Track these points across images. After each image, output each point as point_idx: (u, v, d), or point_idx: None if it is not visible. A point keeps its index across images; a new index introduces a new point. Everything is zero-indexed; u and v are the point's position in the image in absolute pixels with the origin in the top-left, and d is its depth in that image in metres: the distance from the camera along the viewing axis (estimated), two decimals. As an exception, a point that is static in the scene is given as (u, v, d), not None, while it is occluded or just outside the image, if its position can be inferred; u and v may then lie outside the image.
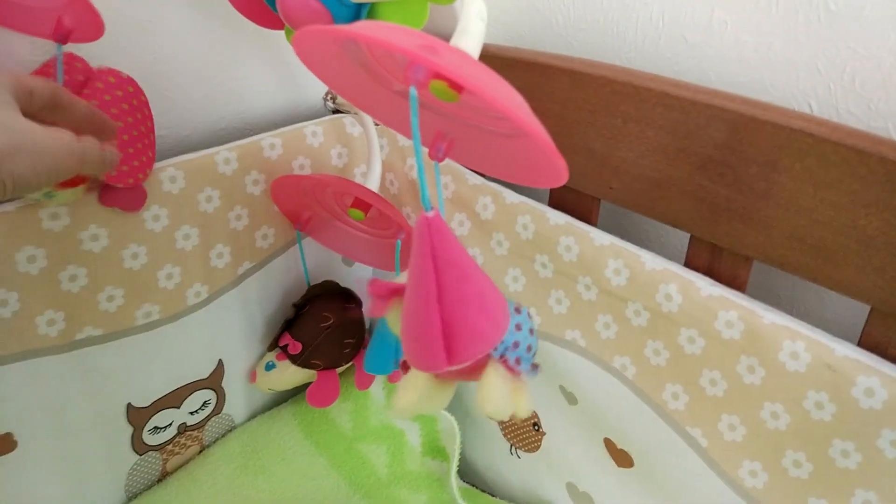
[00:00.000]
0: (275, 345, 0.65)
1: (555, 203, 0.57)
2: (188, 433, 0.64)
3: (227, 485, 0.64)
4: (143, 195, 0.51)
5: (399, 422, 0.69)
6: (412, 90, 0.27)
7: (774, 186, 0.42)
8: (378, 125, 0.62)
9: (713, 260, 0.48)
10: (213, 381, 0.64)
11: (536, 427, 0.64)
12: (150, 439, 0.61)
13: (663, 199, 0.49)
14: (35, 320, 0.49)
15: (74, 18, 0.43)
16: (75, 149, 0.35)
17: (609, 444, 0.57)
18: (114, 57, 0.47)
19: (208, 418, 0.66)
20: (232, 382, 0.66)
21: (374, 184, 0.55)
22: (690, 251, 0.50)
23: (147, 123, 0.49)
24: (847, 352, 0.41)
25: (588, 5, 0.57)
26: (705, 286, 0.46)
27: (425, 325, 0.28)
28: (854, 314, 0.50)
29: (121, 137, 0.46)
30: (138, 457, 0.61)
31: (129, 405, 0.58)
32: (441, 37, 0.30)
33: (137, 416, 0.59)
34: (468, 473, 0.73)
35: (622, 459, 0.56)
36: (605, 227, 0.52)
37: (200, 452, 0.67)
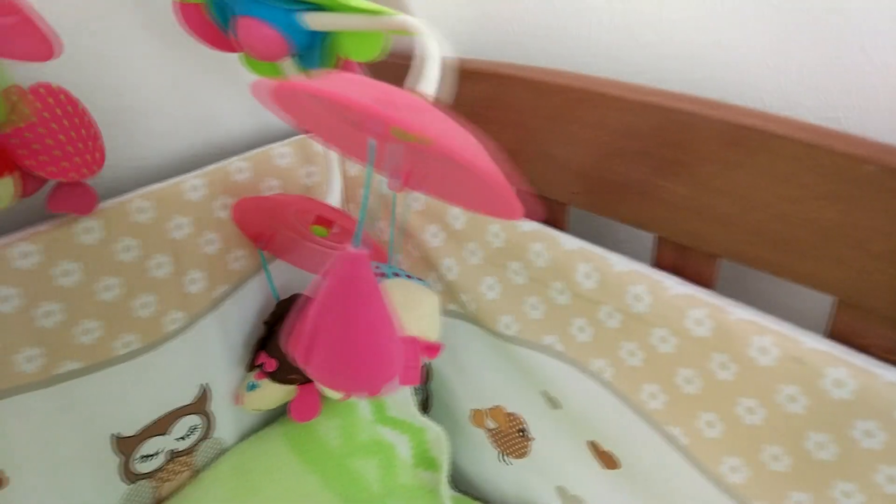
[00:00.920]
0: (252, 364, 0.65)
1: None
2: (178, 459, 0.65)
3: (220, 508, 0.65)
4: (93, 196, 0.50)
5: (388, 435, 0.69)
6: (370, 142, 0.29)
7: (730, 183, 0.43)
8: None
9: (680, 259, 0.49)
10: (199, 406, 0.64)
11: (523, 433, 0.64)
12: (140, 467, 0.62)
13: (625, 202, 0.49)
14: (12, 358, 0.50)
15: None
16: None
17: (594, 447, 0.57)
18: (76, 91, 0.47)
19: (198, 443, 0.66)
20: (219, 406, 0.66)
21: (335, 199, 0.56)
22: (658, 251, 0.50)
23: (86, 125, 0.48)
24: (814, 344, 0.41)
25: (543, 12, 0.57)
26: (673, 285, 0.47)
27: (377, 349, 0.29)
28: (823, 304, 0.50)
29: (63, 143, 0.46)
30: (130, 486, 0.61)
31: (116, 435, 0.59)
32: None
33: (125, 446, 0.60)
34: (461, 483, 0.73)
35: (608, 461, 0.56)
36: (579, 231, 0.53)
37: (193, 477, 0.67)
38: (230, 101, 0.65)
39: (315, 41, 0.43)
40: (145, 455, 0.61)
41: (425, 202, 0.61)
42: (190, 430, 0.64)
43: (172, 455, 0.64)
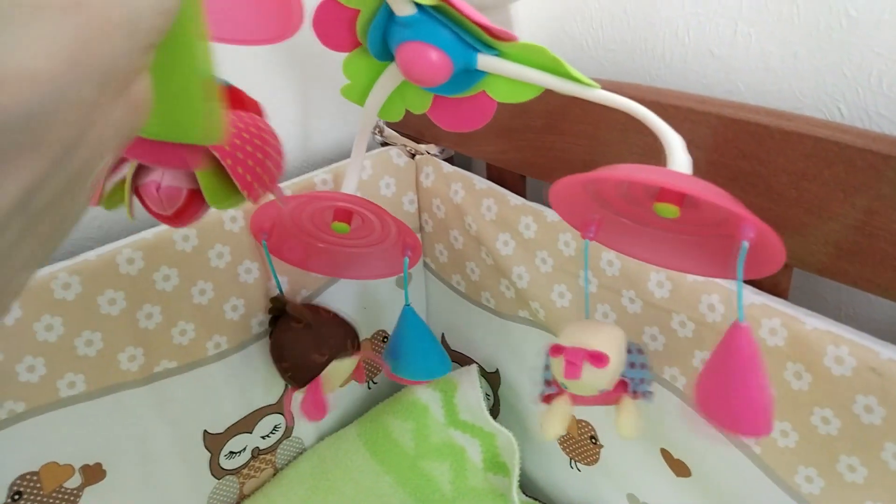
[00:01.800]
0: None
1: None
2: (262, 457, 0.68)
3: (300, 504, 0.68)
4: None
5: (460, 439, 0.71)
6: (744, 245, 0.33)
7: (805, 194, 0.43)
8: (388, 142, 0.65)
9: (753, 268, 0.49)
10: (282, 406, 0.67)
11: (594, 440, 0.65)
12: (227, 464, 0.65)
13: (698, 212, 0.50)
14: (117, 357, 0.54)
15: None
16: None
17: (666, 455, 0.57)
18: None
19: (279, 442, 0.70)
20: (299, 405, 0.69)
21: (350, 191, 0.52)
22: (731, 261, 0.50)
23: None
24: (891, 355, 0.41)
25: (616, 26, 0.58)
26: (747, 295, 0.47)
27: (754, 399, 0.36)
28: (903, 315, 0.49)
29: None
30: (217, 481, 0.65)
31: (206, 432, 0.62)
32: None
33: (214, 442, 0.63)
34: (530, 488, 0.75)
35: (680, 469, 0.56)
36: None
37: (274, 475, 0.71)
38: (318, 117, 0.69)
39: (466, 75, 0.40)
40: (232, 452, 0.65)
41: (496, 212, 0.62)
42: (273, 429, 0.68)
43: (256, 453, 0.68)
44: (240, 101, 0.40)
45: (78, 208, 0.19)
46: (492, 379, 0.75)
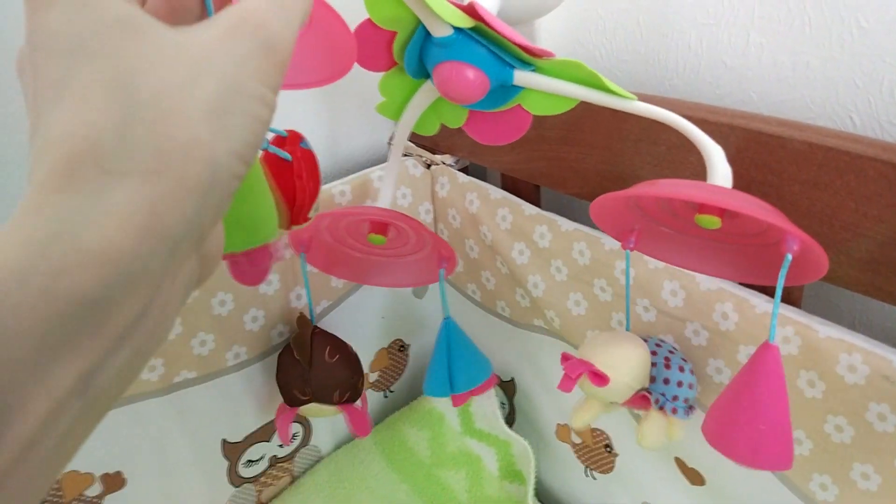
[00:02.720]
0: None
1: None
2: (279, 465, 0.69)
3: (317, 513, 0.69)
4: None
5: (476, 448, 0.72)
6: (787, 257, 0.33)
7: (817, 204, 0.43)
8: (427, 161, 0.65)
9: (767, 277, 0.49)
10: (300, 415, 0.68)
11: (609, 449, 0.65)
12: (245, 472, 0.66)
13: (711, 221, 0.50)
14: (139, 367, 0.55)
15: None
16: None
17: (680, 463, 0.57)
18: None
19: (297, 450, 0.70)
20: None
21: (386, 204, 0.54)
22: (745, 269, 0.51)
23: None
24: None
25: (629, 38, 0.59)
26: (760, 303, 0.47)
27: (775, 429, 0.36)
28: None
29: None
30: (235, 489, 0.66)
31: (224, 440, 0.63)
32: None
33: (232, 451, 0.64)
34: (545, 496, 0.75)
35: (694, 478, 0.57)
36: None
37: (291, 483, 0.72)
38: (338, 130, 0.70)
39: (502, 90, 0.41)
40: (250, 460, 0.66)
41: (511, 222, 0.63)
42: (291, 438, 0.69)
43: (274, 461, 0.69)
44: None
45: (137, 375, 0.17)
46: (507, 388, 0.76)
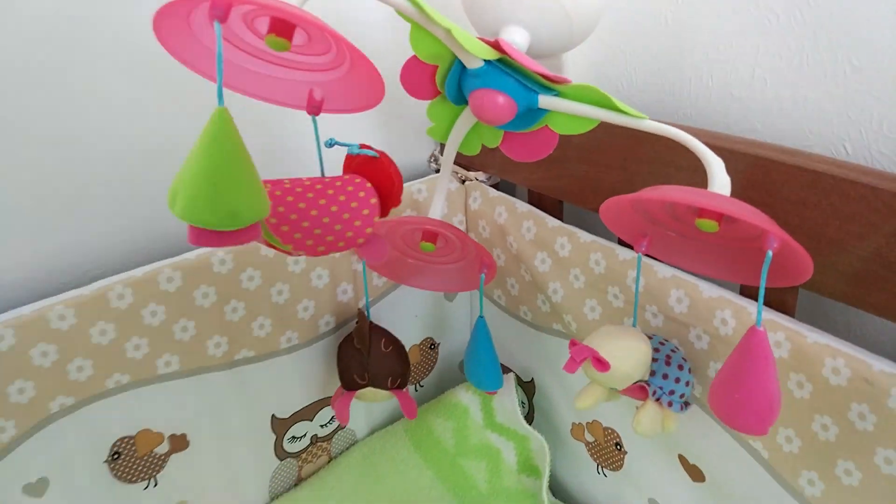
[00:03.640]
0: None
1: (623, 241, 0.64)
2: (319, 444, 0.76)
3: (351, 491, 0.75)
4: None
5: (496, 441, 0.77)
6: (768, 254, 0.38)
7: (806, 221, 0.48)
8: (467, 179, 0.72)
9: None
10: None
11: (619, 447, 0.70)
12: (289, 447, 0.73)
13: (714, 236, 0.55)
14: (206, 343, 0.63)
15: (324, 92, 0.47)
16: None
17: (682, 460, 0.62)
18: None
19: (335, 432, 0.77)
20: (355, 400, 0.77)
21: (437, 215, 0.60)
22: (744, 280, 0.56)
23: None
24: (883, 367, 0.45)
25: (648, 71, 0.65)
26: (756, 311, 0.52)
27: (757, 401, 0.39)
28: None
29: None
30: (279, 462, 0.73)
31: (273, 416, 0.71)
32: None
33: (279, 426, 0.71)
34: (559, 491, 0.80)
35: (695, 474, 0.61)
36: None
37: (328, 462, 0.78)
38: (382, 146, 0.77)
39: (530, 113, 0.48)
40: (294, 437, 0.73)
41: (535, 233, 0.69)
42: (331, 419, 0.76)
43: (315, 440, 0.75)
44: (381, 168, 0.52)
45: None
46: (527, 388, 0.81)
